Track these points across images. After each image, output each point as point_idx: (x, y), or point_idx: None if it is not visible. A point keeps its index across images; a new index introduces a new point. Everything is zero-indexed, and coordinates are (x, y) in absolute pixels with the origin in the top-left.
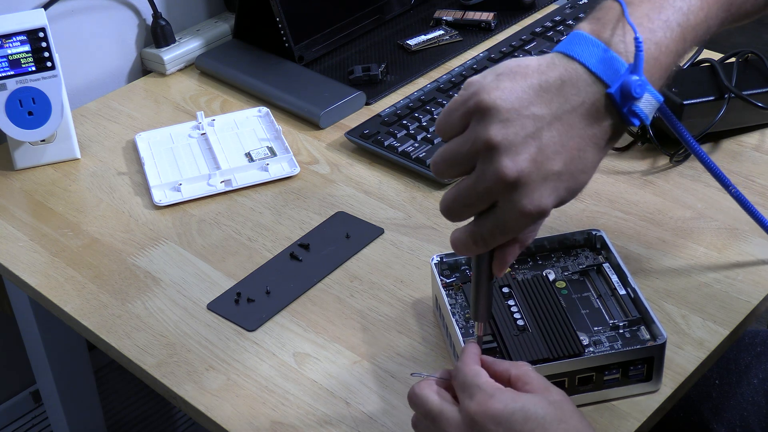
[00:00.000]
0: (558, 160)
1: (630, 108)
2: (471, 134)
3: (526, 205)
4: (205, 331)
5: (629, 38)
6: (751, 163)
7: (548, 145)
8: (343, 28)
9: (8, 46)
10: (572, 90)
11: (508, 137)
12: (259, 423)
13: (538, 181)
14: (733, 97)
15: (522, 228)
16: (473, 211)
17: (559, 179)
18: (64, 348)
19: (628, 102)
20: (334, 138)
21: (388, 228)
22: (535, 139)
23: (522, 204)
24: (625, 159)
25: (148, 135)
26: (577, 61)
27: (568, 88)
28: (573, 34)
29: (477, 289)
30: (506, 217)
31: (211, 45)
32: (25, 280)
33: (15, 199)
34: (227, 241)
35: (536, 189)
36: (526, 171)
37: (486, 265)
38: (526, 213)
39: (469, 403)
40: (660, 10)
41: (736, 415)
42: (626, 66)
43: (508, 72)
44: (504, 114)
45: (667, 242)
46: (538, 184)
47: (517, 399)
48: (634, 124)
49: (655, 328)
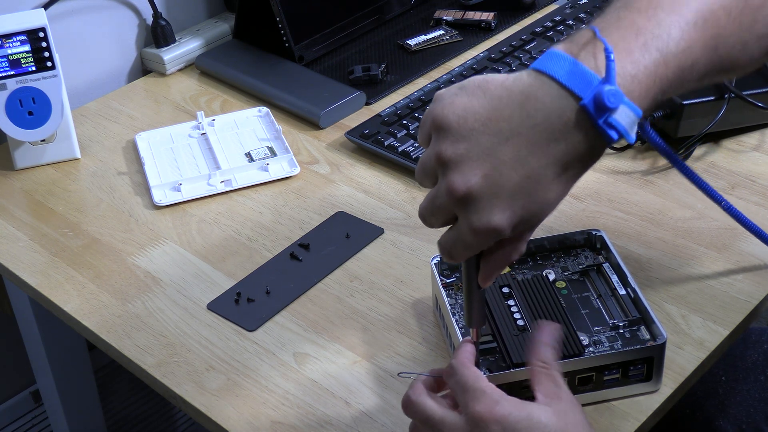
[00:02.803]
0: (512, 177)
1: (606, 120)
2: (430, 149)
3: (475, 222)
4: (205, 331)
5: (601, 55)
6: (751, 163)
7: (503, 162)
8: (343, 28)
9: (8, 46)
10: (535, 105)
11: (458, 153)
12: (259, 423)
13: (489, 198)
14: (733, 97)
15: (480, 245)
16: (440, 221)
17: (513, 198)
18: (64, 348)
19: (603, 113)
20: (334, 138)
21: (388, 228)
22: (489, 156)
23: (472, 221)
24: (625, 159)
25: (148, 135)
26: (547, 75)
27: (531, 102)
28: (547, 52)
29: (469, 297)
30: (462, 232)
31: (211, 45)
32: (25, 280)
33: (15, 199)
34: (227, 241)
35: (486, 206)
36: (476, 188)
37: (474, 273)
38: (477, 230)
39: (474, 407)
40: (637, 35)
41: (742, 412)
42: (598, 78)
43: (471, 87)
44: (456, 130)
45: (667, 242)
46: (488, 202)
47: (522, 408)
48: (613, 139)
49: (655, 328)
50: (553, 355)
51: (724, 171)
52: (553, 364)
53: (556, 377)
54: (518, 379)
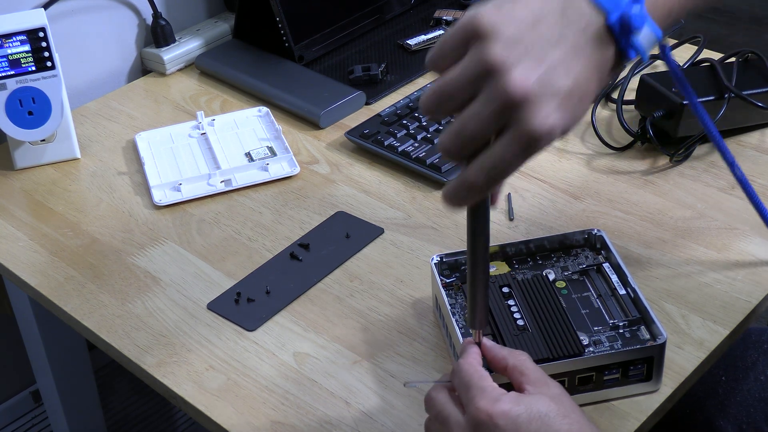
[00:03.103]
0: (565, 80)
1: (628, 40)
2: (471, 59)
3: (535, 124)
4: (205, 331)
5: None
6: (751, 163)
7: (554, 66)
8: (343, 28)
9: (8, 46)
10: (575, 13)
11: (513, 56)
12: (259, 423)
13: (547, 100)
14: (733, 97)
15: (528, 154)
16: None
17: (565, 100)
18: (64, 348)
19: (626, 33)
20: (334, 138)
21: (388, 228)
22: (541, 59)
23: (531, 123)
24: (625, 159)
25: (148, 135)
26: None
27: (570, 12)
28: None
29: (473, 297)
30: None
31: (211, 45)
32: (25, 280)
33: (15, 199)
34: (227, 241)
35: (545, 107)
36: (534, 88)
37: (482, 270)
38: (535, 133)
39: (474, 405)
40: None
41: (742, 412)
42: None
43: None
44: (507, 34)
45: (667, 242)
46: (547, 103)
47: (520, 402)
48: (630, 58)
49: (655, 328)
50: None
51: (724, 171)
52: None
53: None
54: None
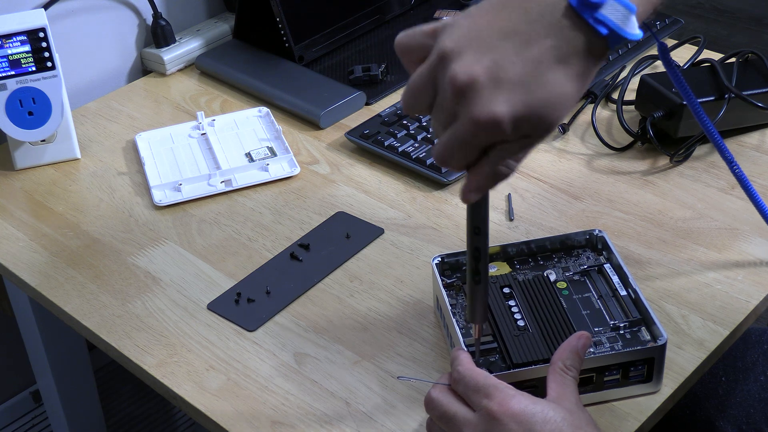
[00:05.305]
0: (514, 68)
1: (593, 17)
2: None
3: (476, 112)
4: (205, 331)
5: None
6: (751, 163)
7: (504, 55)
8: (343, 28)
9: (8, 46)
10: (532, 3)
11: (462, 45)
12: (259, 423)
13: (491, 88)
14: (733, 97)
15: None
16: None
17: (513, 90)
18: (64, 348)
19: (589, 8)
20: (334, 138)
21: (388, 228)
22: (490, 49)
23: (473, 110)
24: (625, 159)
25: (148, 135)
26: None
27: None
28: None
29: (472, 289)
30: (460, 127)
31: (211, 45)
32: (25, 280)
33: (15, 199)
34: (227, 241)
35: (487, 95)
36: (478, 76)
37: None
38: (478, 121)
39: (488, 403)
40: None
41: (742, 412)
42: None
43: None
44: (463, 26)
45: (667, 242)
46: (490, 91)
47: (536, 402)
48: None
49: (656, 329)
50: (578, 364)
51: (724, 171)
52: (574, 372)
53: (572, 384)
54: (519, 380)
